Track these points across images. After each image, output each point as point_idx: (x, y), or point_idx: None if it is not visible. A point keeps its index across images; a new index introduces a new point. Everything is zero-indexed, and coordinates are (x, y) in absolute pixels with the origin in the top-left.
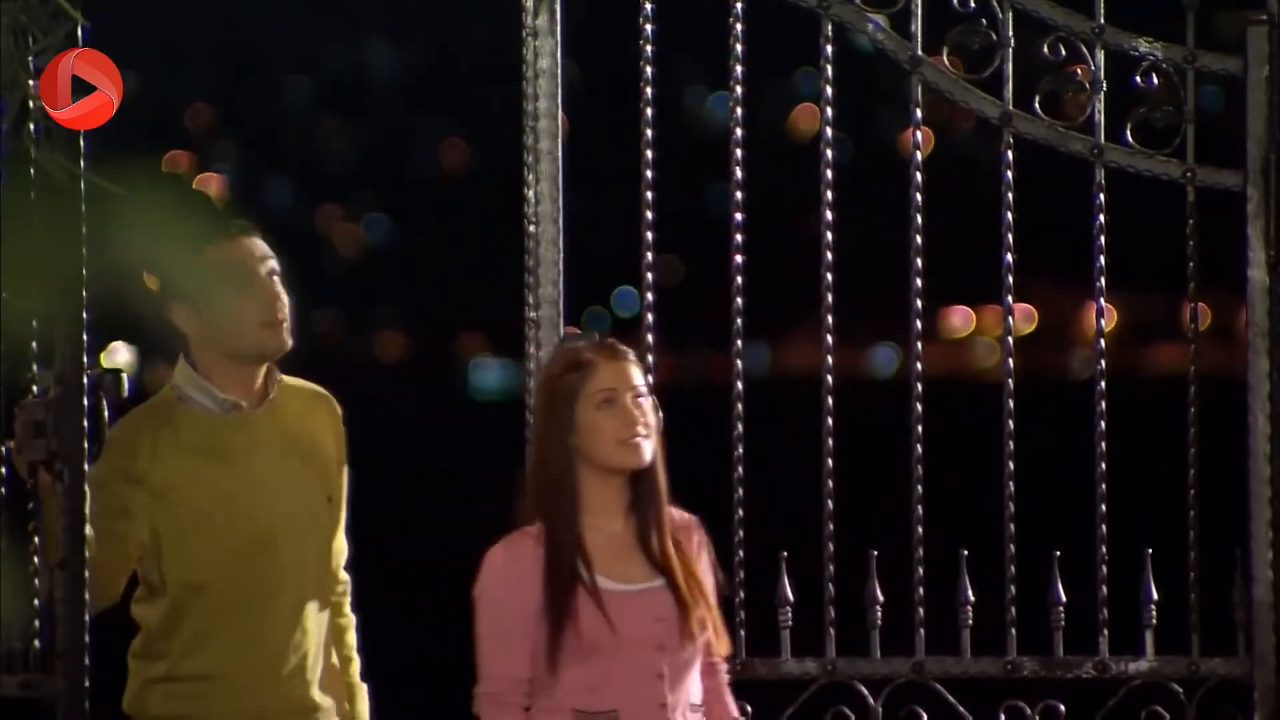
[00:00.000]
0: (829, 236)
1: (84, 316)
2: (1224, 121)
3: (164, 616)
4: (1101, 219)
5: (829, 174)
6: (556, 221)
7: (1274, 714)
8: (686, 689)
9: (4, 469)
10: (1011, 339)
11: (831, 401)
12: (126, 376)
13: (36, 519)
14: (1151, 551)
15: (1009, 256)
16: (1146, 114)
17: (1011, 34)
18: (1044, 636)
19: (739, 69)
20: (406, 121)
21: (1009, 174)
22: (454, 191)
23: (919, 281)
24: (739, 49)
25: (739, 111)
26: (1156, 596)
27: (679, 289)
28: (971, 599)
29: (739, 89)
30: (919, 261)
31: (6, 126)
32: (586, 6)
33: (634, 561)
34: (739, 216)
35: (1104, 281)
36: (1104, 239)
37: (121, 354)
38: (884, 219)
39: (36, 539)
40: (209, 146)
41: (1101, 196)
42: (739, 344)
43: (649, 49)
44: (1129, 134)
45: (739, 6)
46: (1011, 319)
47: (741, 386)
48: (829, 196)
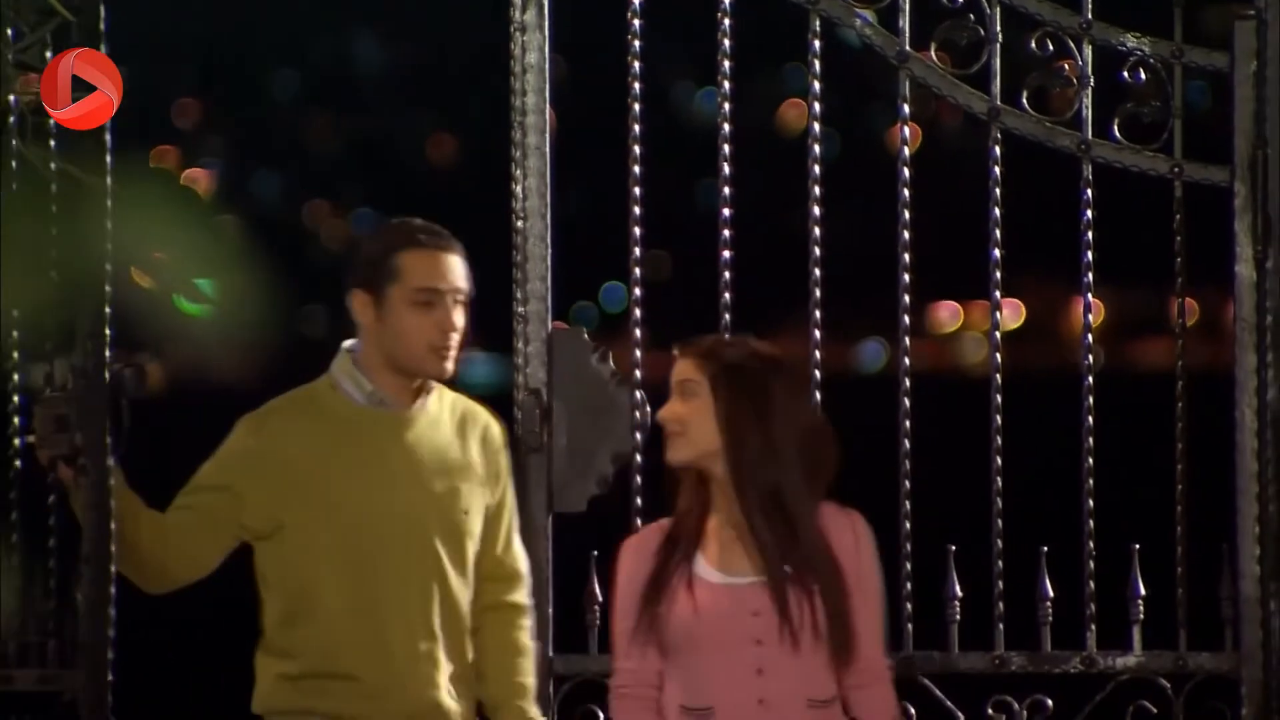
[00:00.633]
0: (817, 232)
1: (106, 311)
2: (1211, 117)
3: (281, 613)
4: (1089, 214)
5: (817, 169)
6: (544, 217)
7: (1261, 708)
8: (800, 686)
9: (18, 463)
10: (999, 334)
11: (819, 396)
12: (147, 371)
13: (56, 513)
14: (1139, 547)
15: (996, 252)
16: (1134, 109)
17: (999, 29)
18: (1031, 632)
19: (727, 64)
20: (394, 116)
21: (996, 169)
22: (442, 186)
23: (907, 276)
24: (727, 44)
25: (727, 107)
26: (1144, 592)
27: (667, 284)
28: (959, 594)
29: (727, 84)
30: (906, 256)
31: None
32: (574, 2)
33: (751, 552)
34: (727, 212)
35: (1091, 277)
36: (1091, 234)
37: None
38: (872, 214)
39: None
40: (196, 141)
41: (1089, 192)
42: (727, 339)
43: (637, 44)
44: (1116, 129)
45: (727, 2)
46: (999, 314)
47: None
48: (817, 192)
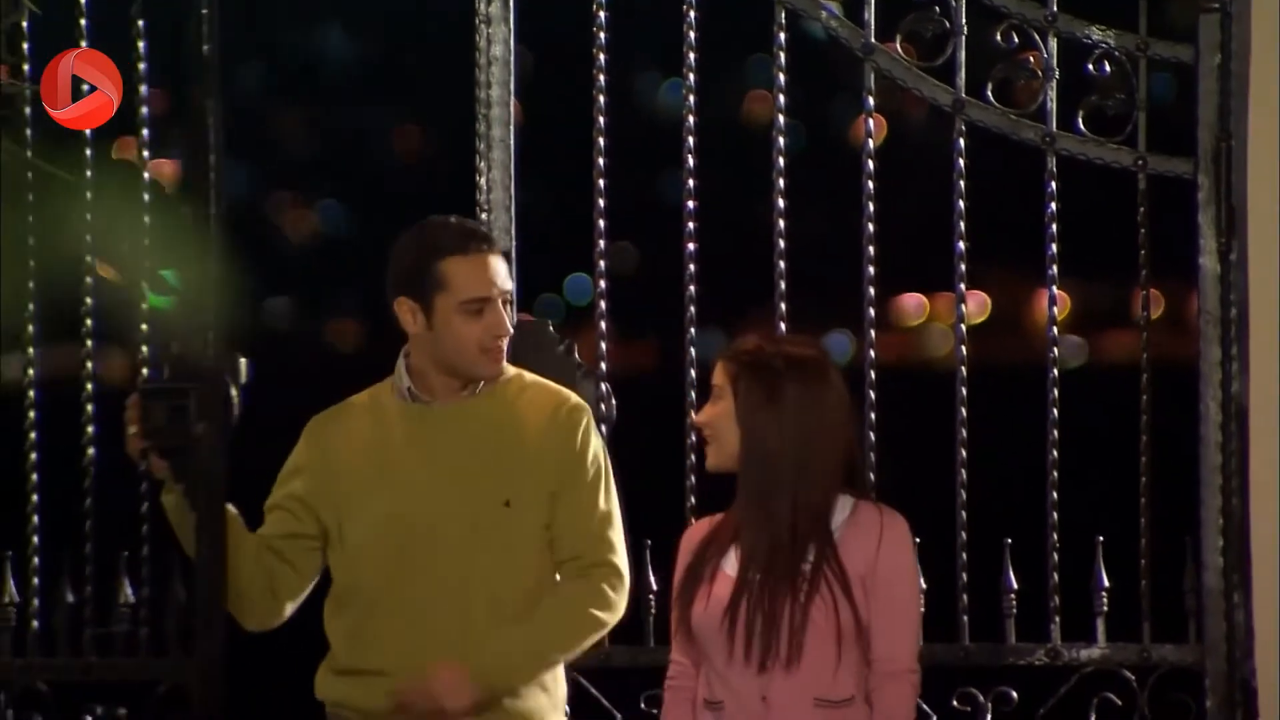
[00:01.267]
0: (781, 224)
1: (218, 302)
2: (1176, 110)
3: (330, 608)
4: (1053, 207)
5: (781, 161)
6: (509, 209)
7: (1224, 700)
8: (806, 686)
9: (34, 455)
10: (964, 326)
11: None
12: (247, 362)
13: (149, 499)
14: (1103, 539)
15: (961, 244)
16: (1098, 102)
17: (964, 22)
18: (996, 624)
19: (692, 56)
20: (360, 108)
21: (961, 162)
22: (407, 179)
23: (872, 269)
24: (692, 36)
25: (692, 99)
26: (1108, 584)
27: (632, 276)
28: (924, 587)
29: (692, 76)
30: (871, 249)
31: None
32: None
33: None
34: (692, 204)
35: (1056, 269)
36: (1056, 227)
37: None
38: (837, 206)
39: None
40: (161, 133)
41: (1053, 184)
42: (692, 331)
43: (602, 36)
44: (1081, 122)
45: None
46: (964, 306)
47: (694, 374)
48: (781, 184)
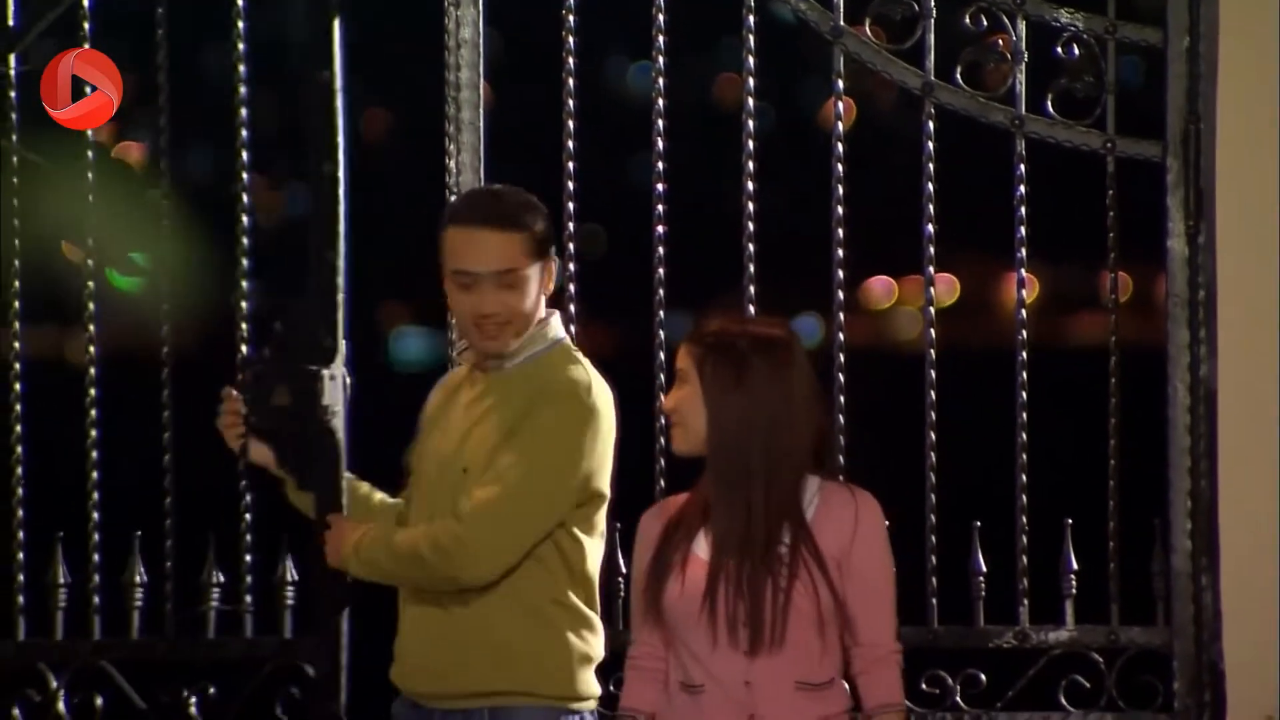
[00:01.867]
0: (751, 207)
1: (341, 285)
2: (1144, 92)
3: None
4: (1022, 189)
5: (751, 144)
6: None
7: (1192, 682)
8: (788, 668)
9: (95, 432)
10: (933, 309)
11: None
12: (346, 343)
13: (249, 478)
14: (1071, 522)
15: (930, 227)
16: (1067, 85)
17: (933, 5)
18: (964, 606)
19: (661, 39)
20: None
21: (930, 145)
22: (376, 161)
23: (841, 252)
24: (661, 19)
25: (661, 82)
26: (1076, 566)
27: (602, 259)
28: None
29: (661, 59)
30: (841, 232)
31: None
32: None
33: None
34: (661, 187)
35: (1025, 252)
36: (1025, 209)
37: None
38: (806, 189)
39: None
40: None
41: (1022, 167)
42: (661, 314)
43: (571, 19)
44: (1050, 105)
45: None
46: (933, 289)
47: (664, 357)
48: (751, 167)
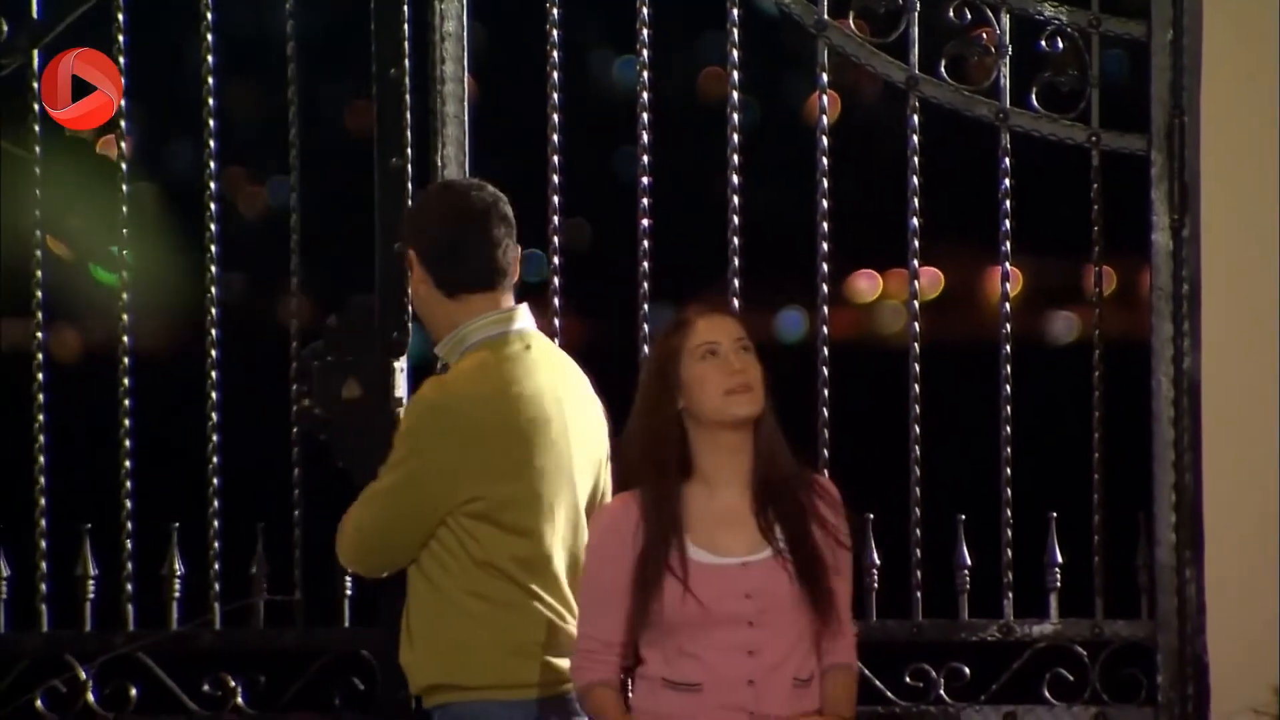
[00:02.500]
0: (735, 200)
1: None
2: (1129, 86)
3: None
4: (1007, 183)
5: (735, 138)
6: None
7: (1176, 676)
8: (788, 665)
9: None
10: (917, 303)
11: None
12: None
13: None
14: (1056, 515)
15: (914, 221)
16: (1051, 78)
17: None
18: (949, 600)
19: (645, 32)
20: (311, 84)
21: (915, 138)
22: (360, 155)
23: (825, 245)
24: (645, 12)
25: (646, 75)
26: (1060, 560)
27: (586, 253)
28: (877, 562)
29: (645, 52)
30: (825, 225)
31: None
32: None
33: (740, 533)
34: (646, 180)
35: (1009, 245)
36: (1009, 203)
37: None
38: (791, 183)
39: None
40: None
41: (1007, 161)
42: (645, 307)
43: (555, 12)
44: (1034, 98)
45: None
46: (917, 283)
47: (648, 350)
48: (735, 160)
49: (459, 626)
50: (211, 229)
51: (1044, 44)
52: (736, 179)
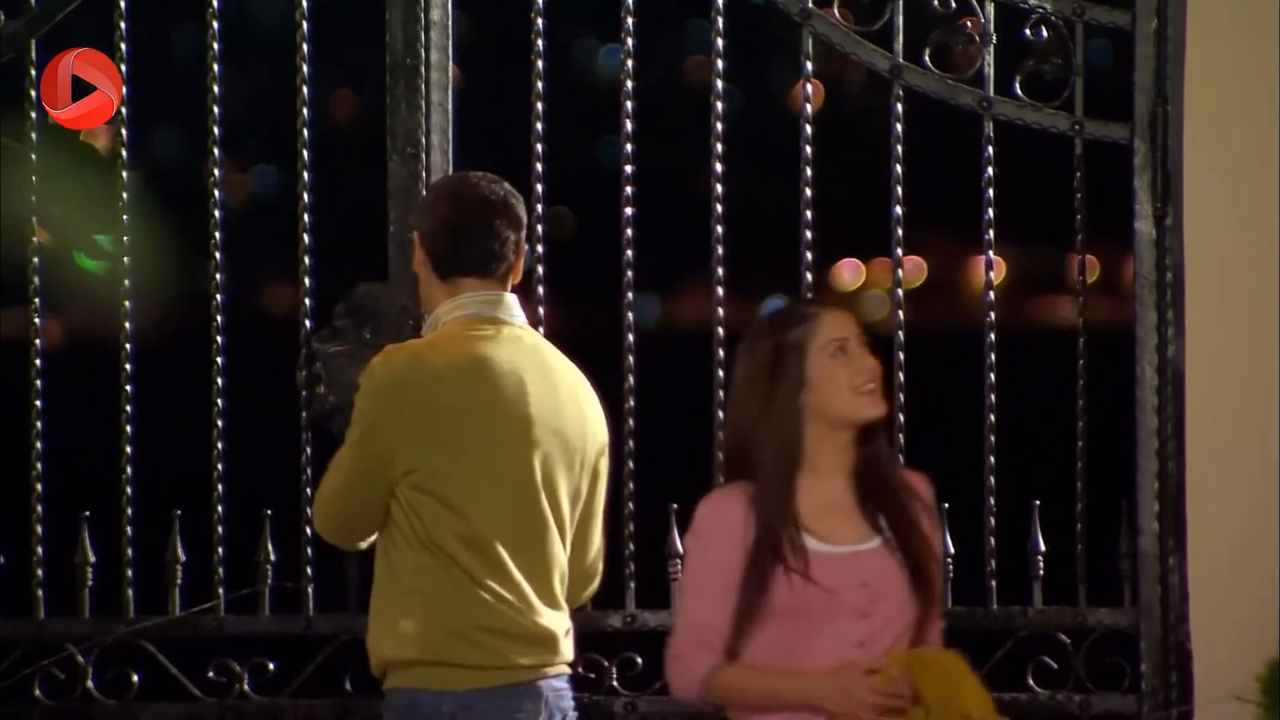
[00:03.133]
0: (719, 189)
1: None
2: (1113, 75)
3: None
4: (990, 172)
5: (719, 127)
6: (447, 173)
7: (1159, 664)
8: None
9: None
10: (901, 292)
11: (722, 354)
12: None
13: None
14: (1039, 503)
15: (898, 209)
16: (1036, 67)
17: None
18: None
19: (630, 21)
20: (296, 73)
21: (899, 127)
22: (344, 143)
23: (809, 234)
24: (630, 1)
25: (630, 64)
26: (1044, 548)
27: (570, 242)
28: None
29: (630, 41)
30: (809, 214)
31: None
32: None
33: (849, 522)
34: (630, 169)
35: (993, 234)
36: (993, 192)
37: None
38: (775, 172)
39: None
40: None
41: (990, 149)
42: (630, 296)
43: (540, 1)
44: (1018, 87)
45: None
46: (901, 272)
47: (632, 339)
48: (719, 149)
49: (404, 605)
50: (215, 216)
51: (1028, 32)
52: (720, 168)
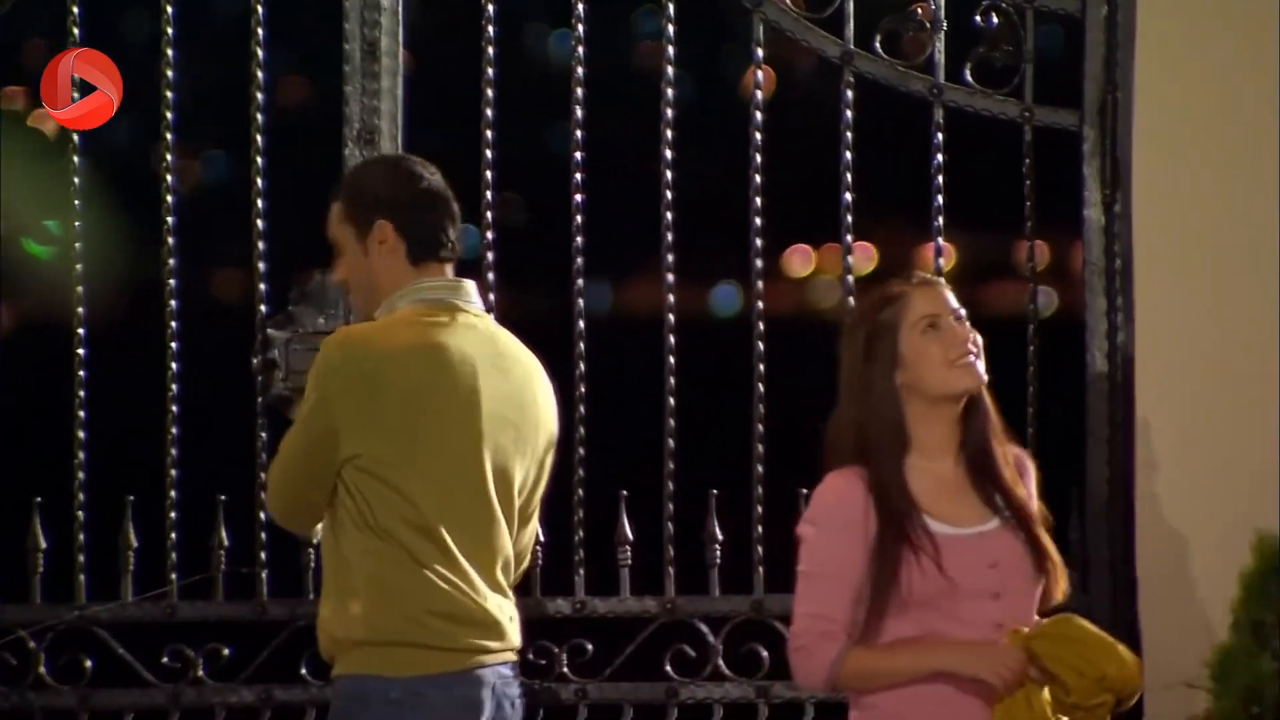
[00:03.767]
0: (670, 175)
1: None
2: (1063, 62)
3: None
4: (940, 158)
5: (670, 113)
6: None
7: None
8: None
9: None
10: (851, 278)
11: (672, 340)
12: None
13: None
14: None
15: (848, 196)
16: (986, 54)
17: None
18: None
19: (580, 7)
20: (245, 58)
21: (849, 113)
22: (294, 129)
23: (759, 220)
24: None
25: (580, 50)
26: None
27: (520, 227)
28: None
29: (580, 27)
30: (759, 200)
31: None
32: None
33: (966, 503)
34: (580, 155)
35: (942, 220)
36: (943, 178)
37: None
38: (725, 158)
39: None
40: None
41: (940, 136)
42: (580, 282)
43: None
44: (968, 74)
45: None
46: (851, 258)
47: (583, 325)
48: (670, 135)
49: (352, 586)
50: (168, 201)
51: (979, 19)
52: (670, 154)
